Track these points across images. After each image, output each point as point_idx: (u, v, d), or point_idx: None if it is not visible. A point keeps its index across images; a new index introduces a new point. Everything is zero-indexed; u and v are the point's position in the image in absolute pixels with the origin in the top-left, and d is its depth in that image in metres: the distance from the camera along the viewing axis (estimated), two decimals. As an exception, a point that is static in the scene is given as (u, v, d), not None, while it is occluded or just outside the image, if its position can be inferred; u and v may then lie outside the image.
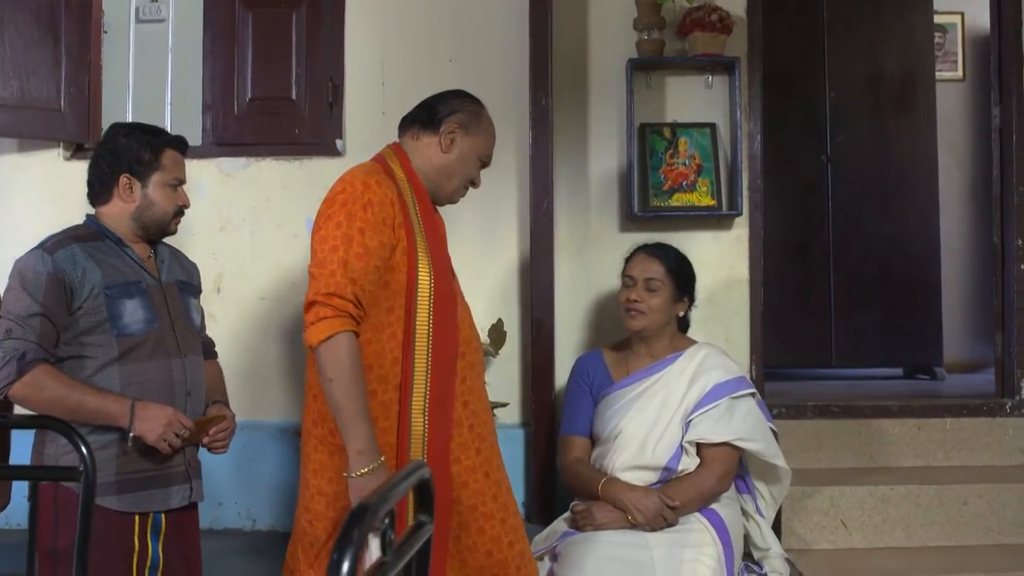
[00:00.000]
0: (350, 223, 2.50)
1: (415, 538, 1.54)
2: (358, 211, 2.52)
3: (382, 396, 2.55)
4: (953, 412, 3.95)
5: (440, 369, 2.60)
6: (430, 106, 2.80)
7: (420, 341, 2.57)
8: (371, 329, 2.56)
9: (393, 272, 2.58)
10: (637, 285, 3.26)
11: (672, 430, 3.15)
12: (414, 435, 2.55)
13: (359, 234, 2.50)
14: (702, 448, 3.16)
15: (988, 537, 3.61)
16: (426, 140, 2.75)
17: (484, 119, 2.82)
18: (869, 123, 5.64)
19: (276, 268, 3.93)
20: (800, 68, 5.65)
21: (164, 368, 2.66)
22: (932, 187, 5.63)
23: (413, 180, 2.70)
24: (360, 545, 1.21)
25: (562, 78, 3.92)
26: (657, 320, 3.25)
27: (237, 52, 3.99)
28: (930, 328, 5.55)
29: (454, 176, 2.76)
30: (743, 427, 3.16)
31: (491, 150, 2.86)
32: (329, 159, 3.95)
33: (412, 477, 1.51)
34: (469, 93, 2.86)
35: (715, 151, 3.89)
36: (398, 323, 2.57)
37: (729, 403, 3.17)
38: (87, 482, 2.13)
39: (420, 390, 2.57)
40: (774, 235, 5.60)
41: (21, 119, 3.78)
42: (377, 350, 2.56)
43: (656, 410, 3.19)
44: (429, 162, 2.74)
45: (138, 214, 2.70)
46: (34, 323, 2.51)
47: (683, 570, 2.93)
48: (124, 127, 2.84)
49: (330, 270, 2.47)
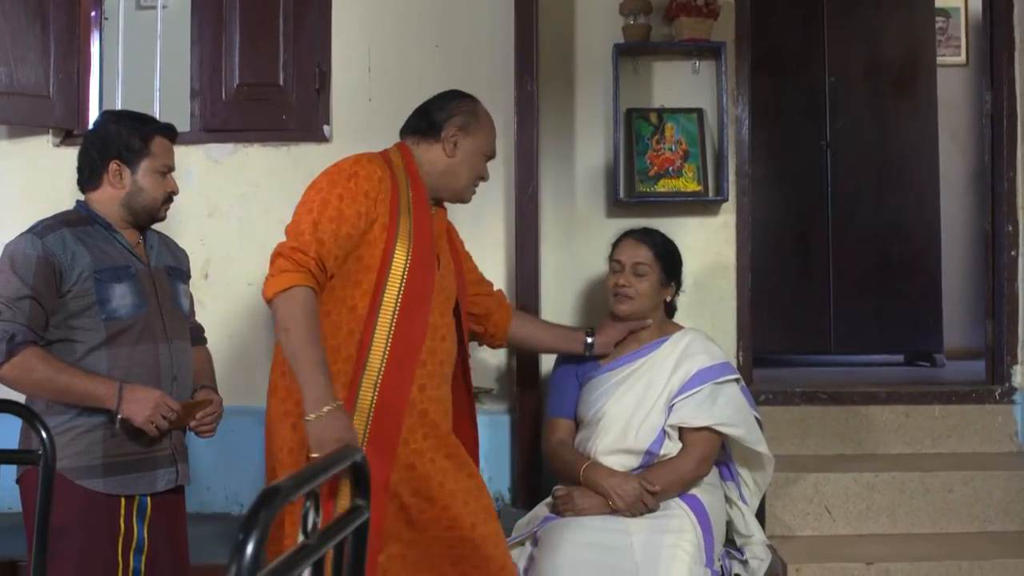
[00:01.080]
0: (330, 189, 2.59)
1: (346, 522, 1.53)
2: (341, 180, 2.61)
3: (332, 367, 2.57)
4: (942, 399, 3.92)
5: (400, 350, 2.62)
6: (426, 113, 2.83)
7: (383, 319, 2.60)
8: (332, 301, 2.62)
9: (369, 247, 2.63)
10: (625, 270, 3.25)
11: (655, 414, 3.15)
12: (359, 408, 2.59)
13: (337, 200, 2.58)
14: (684, 432, 3.15)
15: (973, 524, 3.59)
16: (426, 147, 2.80)
17: (482, 115, 2.85)
18: (869, 109, 5.59)
19: (263, 254, 3.83)
20: (799, 53, 5.61)
21: (151, 352, 2.68)
22: (933, 173, 5.58)
23: (412, 172, 2.74)
24: (267, 526, 1.21)
25: (549, 63, 3.91)
26: (645, 305, 3.25)
27: (225, 38, 3.99)
28: (930, 315, 5.51)
29: (461, 177, 2.82)
30: (724, 412, 3.15)
31: (494, 143, 2.90)
32: (316, 145, 3.96)
33: (342, 461, 1.51)
34: (461, 91, 2.88)
35: (702, 137, 3.88)
36: (363, 297, 2.62)
37: (712, 388, 3.16)
38: (46, 464, 2.15)
39: (375, 366, 2.60)
40: (772, 222, 5.60)
41: (10, 106, 3.81)
42: (335, 322, 2.62)
43: (640, 394, 3.19)
44: (434, 167, 2.79)
45: (127, 200, 2.73)
46: (23, 306, 2.53)
47: (662, 555, 2.92)
48: (114, 114, 2.87)
49: (300, 228, 2.57)
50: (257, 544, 1.18)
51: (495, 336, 3.20)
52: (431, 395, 2.69)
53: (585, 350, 3.26)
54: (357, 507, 1.59)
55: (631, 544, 2.97)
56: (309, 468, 1.41)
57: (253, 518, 1.21)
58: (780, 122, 5.57)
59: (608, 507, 3.06)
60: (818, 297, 5.59)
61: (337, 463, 1.51)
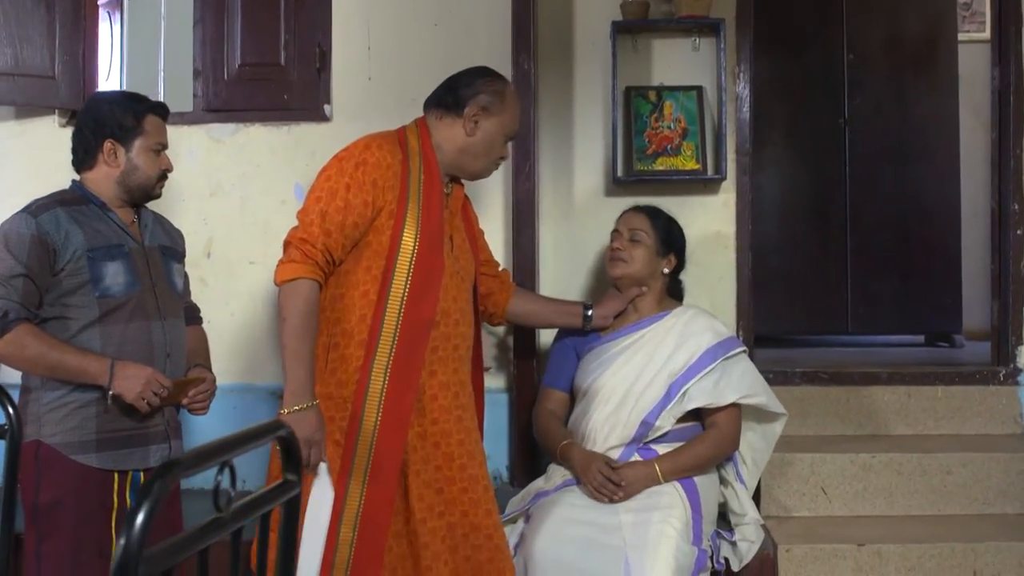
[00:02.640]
0: (339, 178, 2.64)
1: (268, 497, 1.55)
2: (349, 168, 2.65)
3: (343, 350, 2.66)
4: (945, 380, 3.88)
5: (410, 334, 2.66)
6: (453, 87, 2.84)
7: (393, 302, 2.65)
8: (345, 285, 2.68)
9: (376, 233, 2.67)
10: (622, 236, 3.29)
11: (655, 387, 3.15)
12: (371, 392, 2.64)
13: (344, 190, 2.63)
14: (706, 413, 3.17)
15: (971, 507, 3.56)
16: (449, 122, 2.82)
17: (508, 97, 2.86)
18: (888, 85, 5.53)
19: (264, 233, 3.97)
20: (817, 29, 5.56)
21: (144, 330, 2.72)
22: (953, 150, 5.49)
23: (426, 154, 2.76)
24: (159, 499, 1.22)
25: (548, 42, 3.90)
26: (639, 270, 3.26)
27: (227, 18, 4.00)
28: (949, 294, 5.45)
29: (479, 157, 2.84)
30: (744, 384, 3.17)
31: (516, 126, 2.91)
32: (316, 124, 3.96)
33: (263, 436, 1.53)
34: (492, 70, 2.89)
35: (701, 115, 3.84)
36: (372, 282, 2.66)
37: (723, 365, 3.17)
38: (12, 439, 2.20)
39: (385, 349, 2.65)
40: (789, 200, 5.56)
41: (15, 87, 3.86)
42: (347, 306, 2.67)
43: (640, 365, 3.19)
44: (453, 143, 2.81)
45: (123, 178, 2.76)
46: (17, 283, 2.58)
47: (650, 532, 2.92)
48: (106, 95, 2.92)
49: (310, 219, 2.62)
50: (148, 515, 1.20)
51: (493, 315, 3.23)
52: (441, 380, 2.73)
53: (584, 323, 3.27)
54: (287, 482, 1.61)
55: (619, 522, 2.97)
56: (220, 441, 1.42)
57: (147, 490, 1.22)
58: (797, 99, 5.53)
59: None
60: (835, 277, 5.55)
61: (258, 436, 1.52)
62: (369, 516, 2.62)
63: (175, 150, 3.73)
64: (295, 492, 1.61)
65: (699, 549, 2.98)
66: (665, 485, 3.07)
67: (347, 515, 2.62)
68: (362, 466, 2.63)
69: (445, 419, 2.73)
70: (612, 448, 3.15)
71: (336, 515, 2.63)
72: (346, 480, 2.62)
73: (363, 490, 2.62)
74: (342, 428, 2.65)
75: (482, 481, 2.78)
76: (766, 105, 5.38)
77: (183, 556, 1.27)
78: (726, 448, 3.19)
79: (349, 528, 2.62)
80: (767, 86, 5.31)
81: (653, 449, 3.15)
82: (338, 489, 2.63)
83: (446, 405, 2.74)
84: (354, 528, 2.61)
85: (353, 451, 2.63)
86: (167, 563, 1.24)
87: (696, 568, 2.95)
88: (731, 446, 3.20)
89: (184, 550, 1.28)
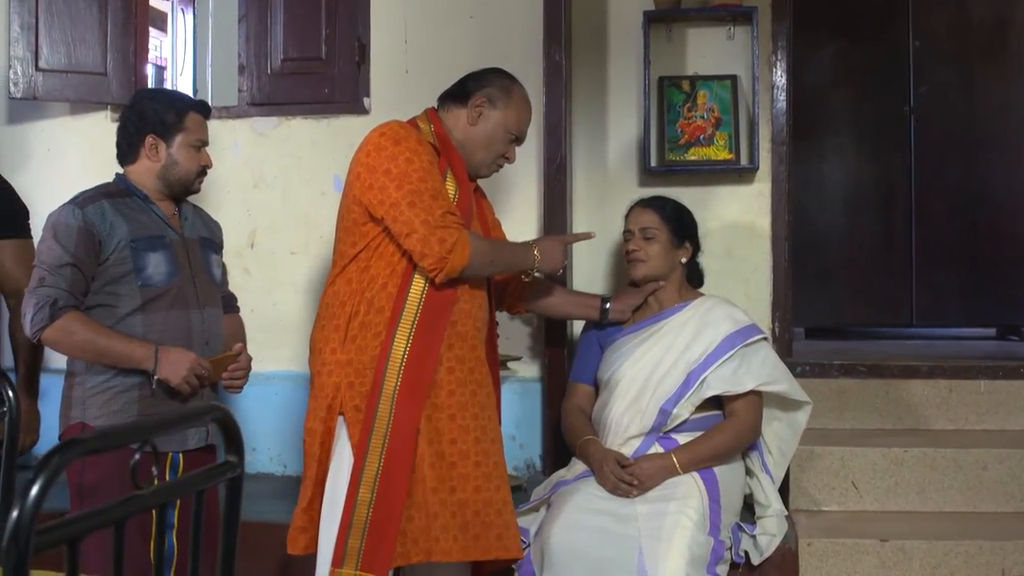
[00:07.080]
0: (393, 161, 2.69)
1: (207, 476, 1.60)
2: (390, 147, 2.71)
3: (365, 316, 2.72)
4: (988, 374, 3.77)
5: (433, 306, 2.73)
6: (464, 82, 2.92)
7: (420, 274, 2.72)
8: (374, 257, 2.75)
9: None
10: (635, 236, 3.28)
11: (673, 376, 3.14)
12: (393, 356, 2.69)
13: (406, 163, 2.69)
14: (726, 401, 3.15)
15: (1008, 504, 3.45)
16: (455, 112, 2.89)
17: (515, 95, 2.91)
18: (955, 72, 5.40)
19: (305, 224, 4.06)
20: (881, 15, 5.43)
21: (183, 318, 2.83)
22: (1022, 138, 5.32)
23: (441, 137, 2.83)
24: (55, 473, 1.26)
25: (581, 32, 3.90)
26: (658, 267, 3.26)
27: (270, 14, 4.10)
28: (1018, 286, 5.29)
29: (479, 148, 2.88)
30: (763, 371, 3.14)
31: (523, 127, 2.94)
32: (356, 117, 4.03)
33: (191, 420, 1.57)
34: (505, 71, 2.94)
35: (735, 104, 3.80)
36: (396, 254, 2.73)
37: (743, 352, 3.14)
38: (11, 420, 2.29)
39: (409, 318, 2.71)
40: (852, 190, 5.46)
41: (68, 84, 4.03)
42: (373, 276, 2.74)
43: (658, 356, 3.19)
44: (456, 132, 2.87)
45: (163, 172, 2.87)
46: (65, 272, 2.70)
47: (665, 523, 2.92)
48: (149, 92, 3.05)
49: (423, 200, 2.66)
50: (42, 489, 1.24)
51: (513, 305, 3.26)
52: (458, 354, 2.78)
53: (601, 316, 3.28)
54: (227, 463, 1.65)
55: (635, 512, 2.97)
56: (137, 422, 1.47)
57: (44, 464, 1.26)
58: (860, 87, 5.44)
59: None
60: (899, 267, 5.44)
61: (186, 420, 1.57)
62: (388, 477, 2.65)
63: (221, 143, 3.86)
64: (235, 474, 1.64)
65: (716, 540, 2.95)
66: (683, 476, 3.06)
67: (366, 476, 2.66)
68: (382, 430, 2.67)
69: (461, 391, 2.76)
70: (632, 438, 3.15)
71: (356, 476, 2.67)
72: (366, 443, 2.67)
73: (382, 453, 2.66)
74: (362, 393, 2.70)
75: (494, 456, 2.80)
76: (827, 94, 5.30)
77: (82, 530, 1.31)
78: (746, 437, 3.16)
79: (368, 490, 2.66)
80: (829, 74, 5.23)
81: (673, 439, 3.13)
82: (358, 452, 2.68)
83: (462, 378, 2.77)
84: (372, 490, 2.66)
85: (374, 415, 2.67)
86: (64, 536, 1.29)
87: (713, 559, 2.92)
88: (751, 435, 3.18)
89: (84, 523, 1.32)
